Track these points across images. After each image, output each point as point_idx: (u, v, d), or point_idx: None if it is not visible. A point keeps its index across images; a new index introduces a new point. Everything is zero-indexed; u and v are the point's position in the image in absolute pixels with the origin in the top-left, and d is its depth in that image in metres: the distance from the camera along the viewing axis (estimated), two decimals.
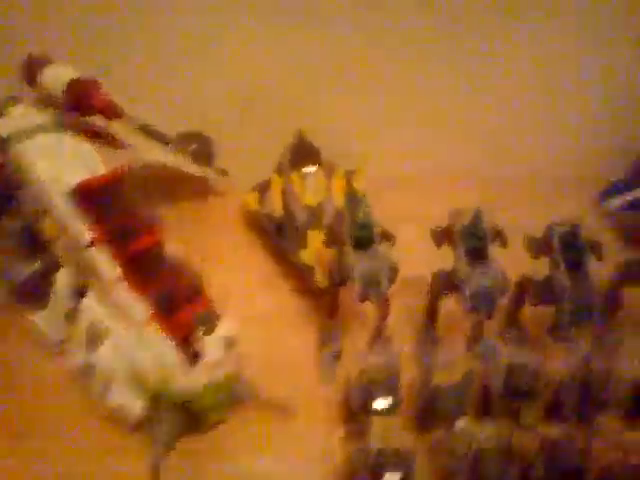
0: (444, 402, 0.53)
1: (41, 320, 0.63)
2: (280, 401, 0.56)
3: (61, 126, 0.65)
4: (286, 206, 0.79)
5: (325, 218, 0.77)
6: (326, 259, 0.66)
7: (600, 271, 0.64)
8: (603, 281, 0.64)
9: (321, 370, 0.62)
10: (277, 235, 0.77)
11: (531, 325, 0.67)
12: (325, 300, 0.66)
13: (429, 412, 0.54)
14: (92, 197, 0.56)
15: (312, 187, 0.81)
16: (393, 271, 0.60)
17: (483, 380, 0.55)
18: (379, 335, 0.62)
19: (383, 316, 0.62)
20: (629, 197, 0.90)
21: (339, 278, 0.61)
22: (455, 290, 0.59)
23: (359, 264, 0.59)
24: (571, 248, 0.61)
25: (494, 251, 0.61)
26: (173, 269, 0.55)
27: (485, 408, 0.55)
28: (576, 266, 0.60)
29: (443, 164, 0.94)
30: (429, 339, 0.64)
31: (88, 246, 0.55)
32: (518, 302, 0.66)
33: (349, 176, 0.87)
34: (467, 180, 0.93)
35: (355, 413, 0.54)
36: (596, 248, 0.62)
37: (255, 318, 0.68)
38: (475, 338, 0.64)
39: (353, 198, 0.80)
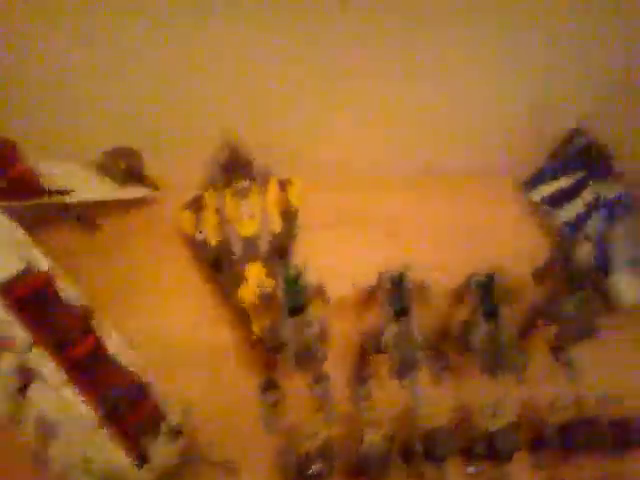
0: (372, 460, 0.60)
1: None
2: (223, 459, 0.62)
3: None
4: (221, 234, 0.80)
5: (262, 246, 0.79)
6: (260, 313, 0.70)
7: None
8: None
9: (262, 419, 0.68)
10: (214, 268, 0.79)
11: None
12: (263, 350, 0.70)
13: (361, 471, 0.61)
14: (23, 302, 0.56)
15: (247, 209, 0.82)
16: (325, 335, 0.64)
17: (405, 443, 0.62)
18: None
19: (317, 379, 0.66)
20: (551, 188, 0.94)
21: (273, 346, 0.64)
22: (382, 352, 0.64)
23: (292, 335, 0.62)
24: (487, 298, 0.66)
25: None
26: (117, 368, 0.57)
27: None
28: (492, 315, 0.65)
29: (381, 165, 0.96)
30: (360, 381, 0.70)
31: (29, 348, 0.56)
32: (443, 336, 0.72)
33: (284, 187, 0.89)
34: (406, 180, 0.96)
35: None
36: (509, 296, 0.67)
37: (193, 358, 0.72)
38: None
39: (287, 219, 0.84)
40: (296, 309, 0.64)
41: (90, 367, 0.56)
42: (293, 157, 0.93)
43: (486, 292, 0.66)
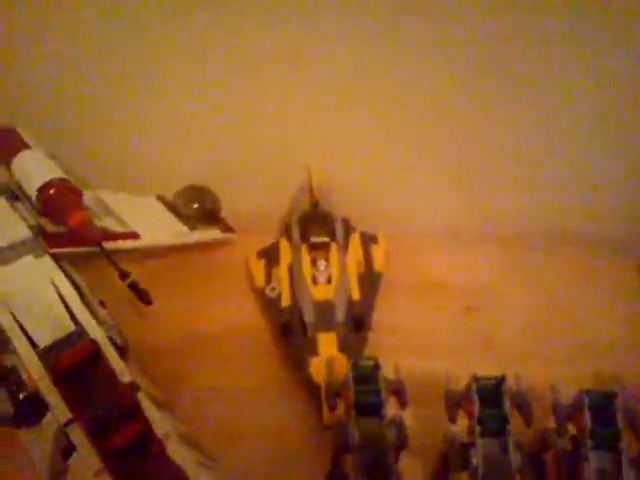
0: None
1: (30, 443, 0.60)
2: None
3: (42, 245, 0.58)
4: (294, 297, 0.72)
5: (337, 314, 0.70)
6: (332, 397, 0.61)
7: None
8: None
9: None
10: (283, 334, 0.71)
11: None
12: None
13: None
14: (66, 372, 0.49)
15: (324, 270, 0.74)
16: (402, 442, 0.55)
17: None
18: None
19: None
20: None
21: (342, 446, 0.55)
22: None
23: (361, 440, 0.53)
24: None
25: None
26: (158, 457, 0.50)
27: None
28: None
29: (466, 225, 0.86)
30: None
31: (67, 424, 0.50)
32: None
33: (368, 245, 0.80)
34: (490, 242, 0.85)
35: None
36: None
37: (247, 440, 0.64)
38: None
39: (368, 285, 0.75)
40: (367, 409, 0.54)
41: (130, 458, 0.49)
42: (376, 212, 0.84)
43: (603, 415, 0.55)
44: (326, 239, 0.76)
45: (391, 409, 0.56)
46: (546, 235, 0.85)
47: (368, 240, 0.80)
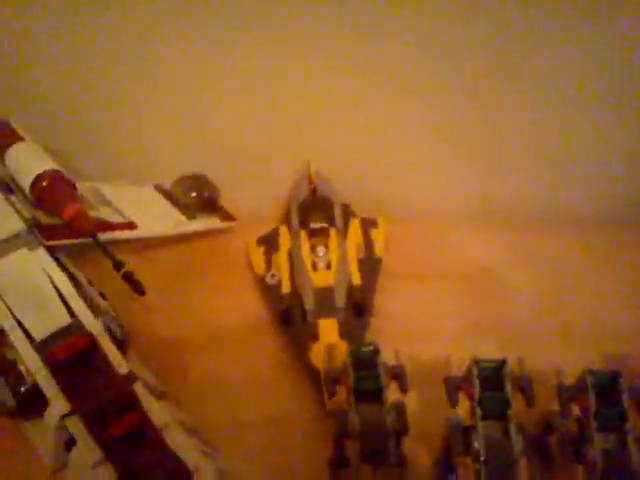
0: None
1: (34, 435, 0.60)
2: None
3: (37, 238, 0.58)
4: (294, 284, 0.71)
5: (338, 300, 0.69)
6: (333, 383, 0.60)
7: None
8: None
9: None
10: (283, 321, 0.70)
11: None
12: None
13: None
14: (62, 366, 0.50)
15: (323, 255, 0.73)
16: (403, 428, 0.54)
17: None
18: None
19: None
20: None
21: (343, 432, 0.55)
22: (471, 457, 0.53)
23: (361, 426, 0.53)
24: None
25: None
26: (157, 447, 0.50)
27: None
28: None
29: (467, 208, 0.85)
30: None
31: (66, 415, 0.50)
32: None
33: (367, 229, 0.79)
34: (492, 224, 0.84)
35: None
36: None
37: (250, 429, 0.63)
38: None
39: (369, 269, 0.74)
40: (367, 395, 0.54)
41: (130, 445, 0.49)
42: (377, 198, 0.83)
43: (607, 396, 0.54)
44: (325, 225, 0.75)
45: (392, 394, 0.56)
46: (549, 216, 0.84)
47: (368, 225, 0.79)
